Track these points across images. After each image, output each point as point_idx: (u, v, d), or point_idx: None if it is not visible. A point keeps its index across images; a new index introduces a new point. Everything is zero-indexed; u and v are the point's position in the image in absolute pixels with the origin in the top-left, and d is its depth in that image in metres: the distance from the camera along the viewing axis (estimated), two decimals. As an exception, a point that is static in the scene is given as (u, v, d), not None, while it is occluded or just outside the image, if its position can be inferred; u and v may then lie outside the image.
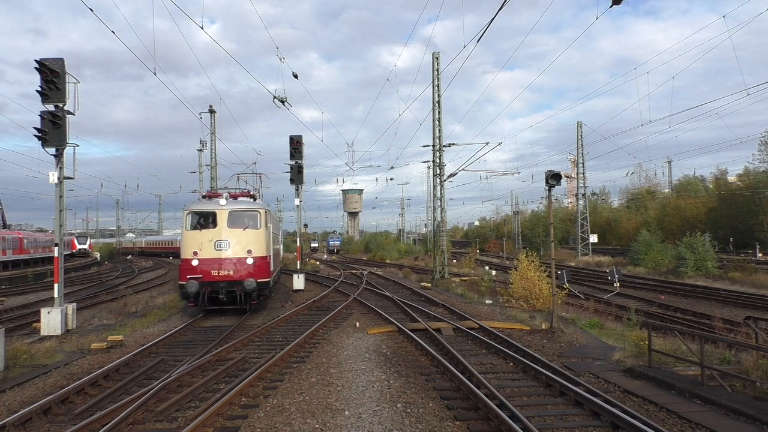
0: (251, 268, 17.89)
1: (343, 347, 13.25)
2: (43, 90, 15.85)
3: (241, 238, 18.12)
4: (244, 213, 18.68)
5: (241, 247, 17.99)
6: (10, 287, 34.47)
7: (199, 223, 18.49)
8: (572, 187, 77.35)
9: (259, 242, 18.46)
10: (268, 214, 20.28)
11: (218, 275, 17.62)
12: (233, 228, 18.15)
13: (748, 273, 32.91)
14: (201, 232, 18.06)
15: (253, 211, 18.92)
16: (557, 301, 16.68)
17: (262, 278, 18.13)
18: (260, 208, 19.21)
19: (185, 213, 18.67)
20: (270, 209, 23.27)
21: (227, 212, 18.24)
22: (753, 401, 8.27)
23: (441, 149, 32.53)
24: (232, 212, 18.35)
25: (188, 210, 18.73)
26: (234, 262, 17.83)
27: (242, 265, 17.87)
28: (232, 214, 18.32)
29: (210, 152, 44.35)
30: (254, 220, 18.67)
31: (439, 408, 8.51)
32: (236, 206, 18.78)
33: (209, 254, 17.73)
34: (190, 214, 18.52)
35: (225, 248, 17.88)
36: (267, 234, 19.27)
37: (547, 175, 15.81)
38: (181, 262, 18.13)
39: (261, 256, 18.39)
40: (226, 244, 17.91)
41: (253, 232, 18.48)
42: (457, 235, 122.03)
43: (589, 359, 11.87)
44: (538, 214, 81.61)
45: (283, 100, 22.28)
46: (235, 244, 17.98)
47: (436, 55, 31.84)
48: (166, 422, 7.98)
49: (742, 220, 54.10)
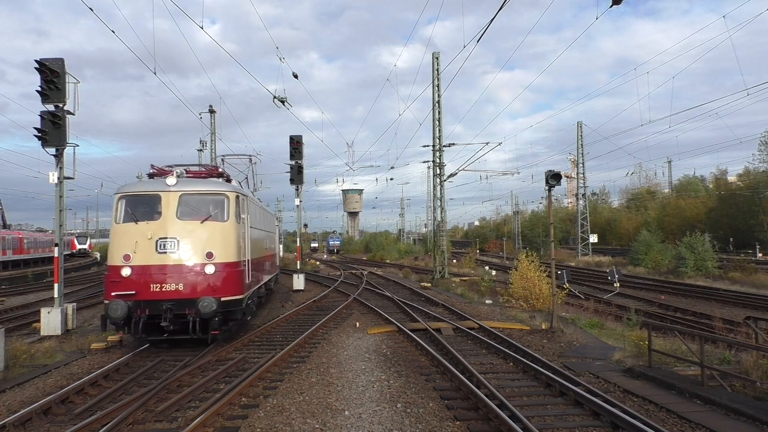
0: (212, 281, 12.31)
1: (343, 347, 13.26)
2: (43, 90, 15.86)
3: (198, 236, 12.52)
4: (204, 197, 13.04)
5: (196, 249, 12.42)
6: (10, 287, 34.48)
7: (135, 212, 12.72)
8: (572, 187, 77.35)
9: (225, 241, 12.87)
10: (246, 201, 14.80)
11: (160, 291, 12.06)
12: (186, 220, 12.59)
13: (748, 273, 32.93)
14: (137, 227, 12.46)
15: (217, 194, 13.16)
16: (557, 301, 16.68)
17: (229, 295, 12.52)
18: (229, 191, 13.37)
19: (116, 198, 12.99)
20: (252, 196, 17.92)
21: (177, 196, 12.65)
22: (753, 401, 8.27)
23: (441, 149, 32.53)
24: (185, 196, 12.76)
25: (121, 193, 13.04)
26: (185, 271, 12.26)
27: (198, 276, 12.28)
28: (185, 198, 12.74)
29: (210, 152, 44.37)
30: (220, 209, 13.01)
31: (439, 408, 8.51)
32: (192, 187, 13.10)
33: (148, 259, 12.19)
34: (123, 199, 12.88)
35: (172, 250, 12.28)
36: (240, 229, 13.61)
37: (547, 175, 15.82)
38: (107, 270, 12.58)
39: (229, 262, 12.75)
40: (173, 243, 12.31)
41: (218, 227, 12.85)
42: (457, 235, 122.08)
43: (589, 359, 11.87)
44: (538, 214, 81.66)
45: (283, 100, 22.28)
46: (187, 243, 12.40)
47: (436, 55, 31.84)
48: (166, 422, 7.98)
49: (742, 220, 54.11)
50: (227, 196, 13.25)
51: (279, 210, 77.33)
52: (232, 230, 13.15)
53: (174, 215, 12.54)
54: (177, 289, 12.14)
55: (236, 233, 13.30)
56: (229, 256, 12.85)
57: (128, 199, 12.88)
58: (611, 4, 10.61)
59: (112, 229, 12.92)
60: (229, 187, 13.91)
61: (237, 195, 13.64)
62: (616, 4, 10.52)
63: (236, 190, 13.87)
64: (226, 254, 12.80)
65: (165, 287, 12.12)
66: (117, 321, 11.86)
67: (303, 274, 28.23)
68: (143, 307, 11.97)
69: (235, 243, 13.16)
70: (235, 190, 13.77)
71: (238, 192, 13.97)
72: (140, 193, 13.03)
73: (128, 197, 12.90)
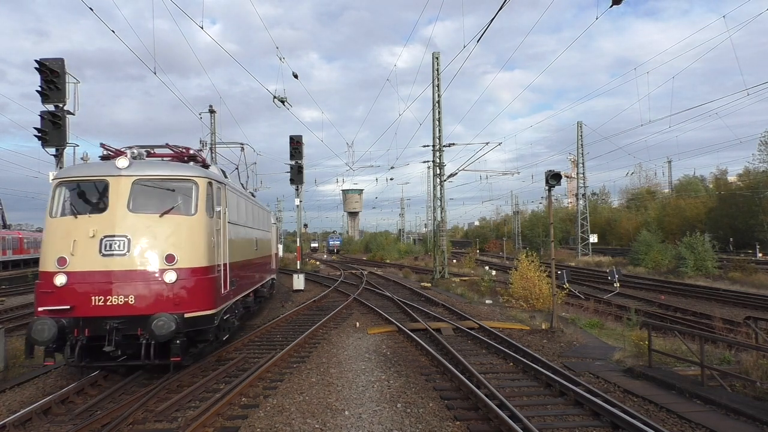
0: (173, 292, 9.50)
1: (343, 347, 13.26)
2: (43, 90, 15.85)
3: (156, 233, 9.68)
4: (166, 184, 10.15)
5: (153, 250, 9.58)
6: (10, 287, 34.48)
7: (75, 203, 10.04)
8: (572, 187, 77.35)
9: (192, 241, 9.99)
10: (224, 191, 11.79)
11: (105, 305, 9.30)
12: (141, 212, 9.73)
13: (748, 273, 32.96)
14: (76, 222, 9.69)
15: (182, 180, 10.29)
16: (557, 301, 16.69)
17: (195, 310, 9.71)
18: (198, 176, 10.45)
19: (53, 184, 10.29)
20: (235, 185, 14.24)
21: (130, 182, 9.80)
22: (753, 401, 8.28)
23: (441, 149, 32.54)
24: (141, 182, 9.92)
25: (59, 179, 10.34)
26: (138, 279, 9.43)
27: (154, 286, 9.46)
28: (141, 185, 9.90)
29: (210, 152, 44.39)
30: (185, 199, 10.20)
31: (439, 408, 8.52)
32: (149, 171, 10.16)
33: (89, 263, 9.37)
34: (61, 186, 10.16)
35: (120, 252, 9.42)
36: (213, 225, 10.64)
37: (547, 175, 15.82)
38: (38, 278, 9.75)
39: (196, 267, 9.90)
40: (122, 243, 9.45)
41: (183, 222, 9.97)
42: (457, 235, 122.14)
43: (589, 359, 11.88)
44: (538, 214, 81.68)
45: (283, 100, 22.28)
46: (141, 243, 9.54)
47: (436, 56, 31.84)
48: (166, 422, 7.98)
49: (742, 220, 54.14)
50: (196, 183, 10.32)
51: (279, 210, 77.34)
52: (201, 226, 10.16)
53: (125, 207, 9.66)
54: (126, 303, 9.32)
55: (207, 230, 10.30)
56: (196, 259, 9.94)
57: (68, 186, 10.10)
58: (611, 4, 10.62)
59: (46, 224, 9.99)
60: (200, 171, 10.80)
61: (209, 182, 10.68)
62: (616, 4, 10.53)
63: (209, 176, 10.82)
64: (193, 257, 9.90)
65: (111, 300, 9.30)
66: (44, 344, 9.00)
67: (303, 274, 28.24)
68: (82, 327, 9.21)
69: (204, 243, 10.16)
70: (208, 176, 10.77)
71: (212, 178, 10.91)
72: (82, 178, 10.10)
73: (68, 183, 10.11)
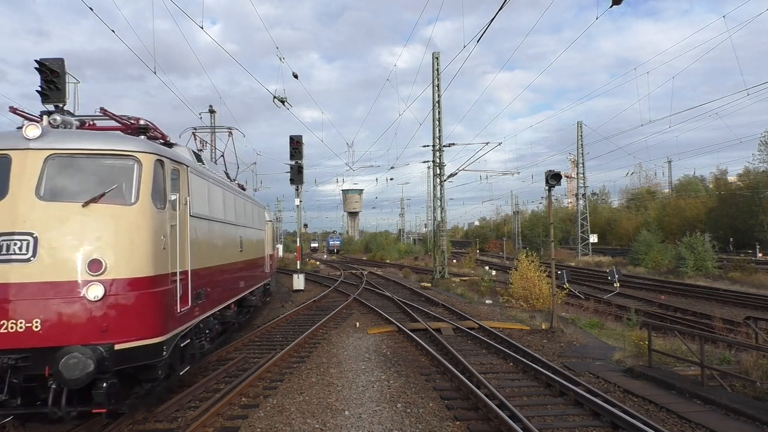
0: (98, 313, 6.70)
1: (343, 347, 13.26)
2: (43, 90, 15.81)
3: (77, 229, 6.88)
4: (92, 162, 7.33)
5: (71, 254, 6.78)
6: None
7: None
8: (572, 187, 77.34)
9: (131, 240, 7.13)
10: (185, 174, 8.71)
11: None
12: (55, 200, 6.95)
13: (748, 273, 32.95)
14: None
15: (118, 156, 7.42)
16: (557, 301, 16.69)
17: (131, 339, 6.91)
18: (143, 152, 7.52)
19: None
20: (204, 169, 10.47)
21: (42, 158, 7.06)
22: (753, 401, 8.28)
23: (441, 149, 32.55)
24: (57, 158, 7.15)
25: None
26: (47, 294, 6.57)
27: (71, 305, 6.63)
28: (56, 162, 7.14)
29: (210, 152, 44.41)
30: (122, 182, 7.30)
31: (439, 408, 8.52)
32: (70, 143, 7.32)
33: None
34: None
35: (22, 255, 6.58)
36: (166, 220, 7.78)
37: (547, 175, 15.82)
38: None
39: (136, 278, 7.04)
40: (25, 244, 6.63)
41: (117, 214, 7.13)
42: (457, 235, 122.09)
43: (589, 359, 11.88)
44: (538, 214, 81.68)
45: (283, 100, 22.28)
46: (54, 243, 6.74)
47: (436, 56, 31.85)
48: (166, 422, 7.98)
49: (742, 220, 54.13)
50: (137, 160, 7.27)
51: (279, 210, 77.34)
52: (144, 220, 7.15)
53: (32, 192, 6.78)
54: (30, 330, 6.40)
55: (154, 226, 7.29)
56: (136, 266, 6.95)
57: None
58: (611, 4, 10.61)
59: None
60: (145, 145, 7.63)
61: (159, 160, 7.61)
62: (616, 5, 10.52)
63: (159, 152, 7.70)
64: (131, 263, 6.91)
65: (6, 326, 6.36)
66: None
67: (303, 274, 28.24)
68: None
69: (148, 243, 7.14)
70: (157, 152, 7.66)
71: (163, 155, 7.77)
72: None
73: None
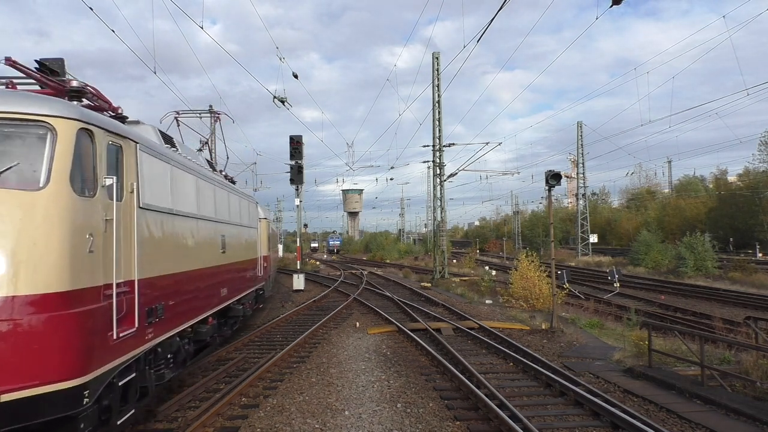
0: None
1: (343, 347, 13.26)
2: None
3: None
4: None
5: None
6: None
7: None
8: (572, 187, 77.32)
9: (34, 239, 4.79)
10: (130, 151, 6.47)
11: None
12: None
13: (748, 273, 32.96)
14: None
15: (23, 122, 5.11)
16: (557, 301, 16.69)
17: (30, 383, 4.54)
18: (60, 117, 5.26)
19: None
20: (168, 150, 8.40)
21: None
22: (753, 401, 8.28)
23: (441, 149, 32.54)
24: None
25: None
26: None
27: None
28: None
29: (210, 152, 44.38)
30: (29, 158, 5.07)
31: (439, 408, 8.52)
32: None
33: None
34: None
35: None
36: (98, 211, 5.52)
37: (547, 175, 15.82)
38: None
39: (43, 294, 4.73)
40: None
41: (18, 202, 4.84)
42: (457, 235, 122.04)
43: (589, 359, 11.88)
44: (538, 214, 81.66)
45: (283, 100, 22.26)
46: None
47: (436, 56, 31.85)
48: (166, 422, 7.98)
49: (742, 220, 54.15)
50: (51, 128, 5.25)
51: (279, 210, 77.32)
52: (58, 210, 5.08)
53: None
54: None
55: (74, 219, 5.21)
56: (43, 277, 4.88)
57: None
58: (611, 4, 10.60)
59: None
60: (63, 107, 5.54)
61: (85, 129, 5.59)
62: (616, 4, 10.51)
63: (84, 118, 5.62)
64: (37, 273, 4.85)
65: None
66: None
67: (303, 274, 28.24)
68: None
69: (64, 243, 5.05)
70: (82, 117, 5.58)
71: (92, 123, 5.75)
72: None
73: None
